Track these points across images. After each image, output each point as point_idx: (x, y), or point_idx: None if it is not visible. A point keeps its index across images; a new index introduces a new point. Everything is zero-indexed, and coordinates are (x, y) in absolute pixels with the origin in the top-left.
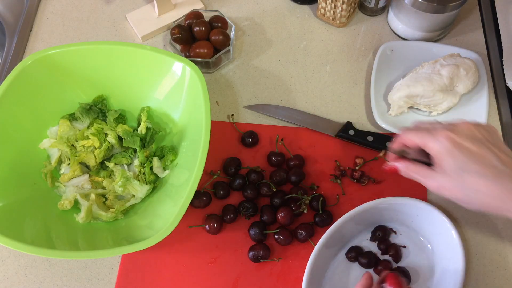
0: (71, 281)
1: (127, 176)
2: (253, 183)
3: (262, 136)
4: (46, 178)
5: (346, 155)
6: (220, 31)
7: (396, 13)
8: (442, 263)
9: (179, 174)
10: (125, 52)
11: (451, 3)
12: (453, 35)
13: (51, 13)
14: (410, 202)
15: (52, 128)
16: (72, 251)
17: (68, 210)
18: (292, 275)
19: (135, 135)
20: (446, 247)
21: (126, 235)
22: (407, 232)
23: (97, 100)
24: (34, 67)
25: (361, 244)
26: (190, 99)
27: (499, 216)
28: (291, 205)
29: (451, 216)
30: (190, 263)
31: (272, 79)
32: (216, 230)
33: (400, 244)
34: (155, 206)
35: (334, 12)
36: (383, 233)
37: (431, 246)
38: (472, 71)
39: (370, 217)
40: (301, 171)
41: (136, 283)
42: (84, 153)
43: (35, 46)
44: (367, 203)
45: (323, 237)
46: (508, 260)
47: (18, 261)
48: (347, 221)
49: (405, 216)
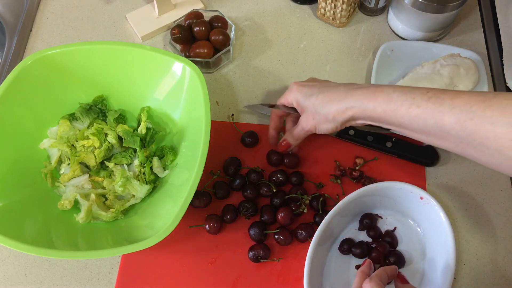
0: (71, 281)
1: (127, 176)
2: (253, 183)
3: (262, 136)
4: (46, 178)
5: (346, 155)
6: (220, 31)
7: (396, 13)
8: (433, 245)
9: (179, 174)
10: (125, 52)
11: (451, 3)
12: (453, 35)
13: (51, 13)
14: (389, 184)
15: (52, 128)
16: (72, 251)
17: (68, 210)
18: (292, 275)
19: (135, 135)
20: (435, 229)
21: (126, 235)
22: (394, 215)
23: (97, 100)
24: (34, 67)
25: (352, 236)
26: (190, 99)
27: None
28: (291, 205)
29: (444, 204)
30: (190, 263)
31: (272, 79)
32: (216, 230)
33: (390, 229)
34: (155, 206)
35: (334, 12)
36: (370, 220)
37: (421, 229)
38: (472, 71)
39: (354, 207)
40: (300, 172)
41: (136, 283)
42: (84, 153)
43: (35, 46)
44: (349, 195)
45: (315, 236)
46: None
47: (18, 261)
48: (334, 216)
49: (387, 199)
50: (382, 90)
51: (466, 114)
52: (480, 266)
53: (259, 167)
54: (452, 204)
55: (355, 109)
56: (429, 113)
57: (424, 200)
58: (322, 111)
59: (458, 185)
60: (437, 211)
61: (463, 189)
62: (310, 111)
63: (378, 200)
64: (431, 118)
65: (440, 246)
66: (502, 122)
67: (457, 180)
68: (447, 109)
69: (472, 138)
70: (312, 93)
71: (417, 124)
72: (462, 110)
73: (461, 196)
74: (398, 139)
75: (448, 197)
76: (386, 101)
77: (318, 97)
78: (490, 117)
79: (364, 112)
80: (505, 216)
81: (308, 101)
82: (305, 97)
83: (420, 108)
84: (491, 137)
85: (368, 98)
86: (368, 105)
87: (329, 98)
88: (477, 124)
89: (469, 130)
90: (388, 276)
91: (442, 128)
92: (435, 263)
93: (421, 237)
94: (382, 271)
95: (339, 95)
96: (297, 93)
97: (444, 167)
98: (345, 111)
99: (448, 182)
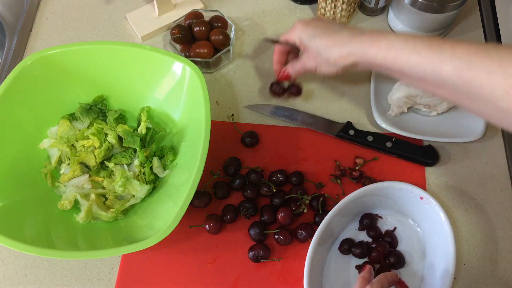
0: (71, 281)
1: (127, 176)
2: (253, 183)
3: (262, 136)
4: (46, 178)
5: (346, 155)
6: (220, 31)
7: (396, 13)
8: (433, 245)
9: (179, 174)
10: (125, 52)
11: (451, 3)
12: (453, 35)
13: (51, 13)
14: (389, 184)
15: (52, 128)
16: (72, 251)
17: (68, 210)
18: (292, 275)
19: (135, 135)
20: (435, 229)
21: (126, 235)
22: (394, 215)
23: (97, 100)
24: (34, 67)
25: (352, 236)
26: (190, 99)
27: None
28: (291, 205)
29: (444, 204)
30: (190, 263)
31: (272, 79)
32: (216, 230)
33: (390, 229)
34: (155, 206)
35: (334, 12)
36: (370, 220)
37: (421, 229)
38: None
39: (354, 207)
40: (300, 172)
41: (136, 283)
42: (84, 153)
43: (35, 46)
44: (349, 195)
45: (315, 236)
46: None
47: (18, 261)
48: (334, 216)
49: (387, 199)
50: (385, 36)
51: (465, 64)
52: (480, 266)
53: (259, 167)
54: (452, 204)
55: (357, 55)
56: (429, 61)
57: (424, 200)
58: (325, 54)
59: (458, 185)
60: (437, 211)
61: (463, 189)
62: (313, 51)
63: (378, 200)
64: (430, 66)
65: (440, 246)
66: (499, 72)
67: (457, 180)
68: (447, 58)
69: (468, 88)
70: (316, 34)
71: (416, 71)
72: (461, 59)
73: (461, 196)
74: (398, 139)
75: (448, 197)
76: (388, 47)
77: (322, 39)
78: (487, 67)
79: (365, 58)
80: (505, 216)
81: (312, 42)
82: (309, 37)
83: (420, 55)
84: (486, 87)
85: (370, 44)
86: (370, 51)
87: (332, 41)
88: (474, 74)
89: (466, 79)
90: (389, 282)
91: (440, 76)
92: (435, 263)
93: (421, 237)
94: (383, 277)
95: (342, 39)
96: (301, 32)
97: (444, 167)
98: (347, 57)
99: (448, 182)
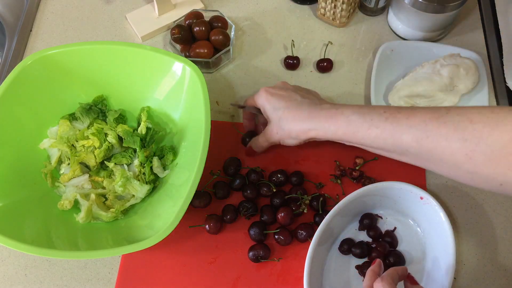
0: (71, 281)
1: (127, 176)
2: (253, 183)
3: None
4: (46, 178)
5: (346, 155)
6: (220, 31)
7: (396, 13)
8: (433, 245)
9: (179, 174)
10: (125, 52)
11: (451, 3)
12: (453, 35)
13: (51, 13)
14: (389, 184)
15: (52, 128)
16: (72, 251)
17: (68, 210)
18: (292, 275)
19: (135, 135)
20: (435, 229)
21: (126, 235)
22: (394, 215)
23: (97, 100)
24: (34, 67)
25: (352, 236)
26: (190, 99)
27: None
28: (291, 205)
29: (444, 204)
30: (190, 263)
31: (272, 79)
32: (216, 230)
33: (390, 229)
34: (155, 206)
35: (334, 12)
36: (370, 220)
37: (421, 229)
38: (472, 71)
39: (354, 207)
40: (300, 172)
41: (136, 283)
42: (84, 153)
43: (35, 46)
44: (349, 195)
45: (315, 236)
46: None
47: (18, 261)
48: (334, 216)
49: (387, 199)
50: (342, 112)
51: (423, 133)
52: (480, 266)
53: (259, 167)
54: (452, 204)
55: (317, 130)
56: (388, 133)
57: (424, 200)
58: (286, 128)
59: (458, 185)
60: (437, 211)
61: (463, 189)
62: (275, 123)
63: (378, 200)
64: (390, 138)
65: (440, 246)
66: (456, 138)
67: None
68: (405, 129)
69: (430, 155)
70: (279, 107)
71: (377, 143)
72: (418, 129)
73: (461, 196)
74: None
75: (448, 197)
76: (346, 124)
77: (284, 112)
78: (445, 134)
79: (326, 134)
80: (505, 216)
81: (275, 114)
82: (272, 109)
83: (378, 129)
84: (447, 153)
85: (329, 120)
86: (330, 127)
87: (293, 116)
88: (433, 142)
89: (426, 147)
90: (399, 276)
91: (401, 146)
92: (435, 263)
93: (421, 237)
94: (394, 271)
95: (302, 115)
96: (265, 101)
97: None
98: (307, 132)
99: (448, 182)
